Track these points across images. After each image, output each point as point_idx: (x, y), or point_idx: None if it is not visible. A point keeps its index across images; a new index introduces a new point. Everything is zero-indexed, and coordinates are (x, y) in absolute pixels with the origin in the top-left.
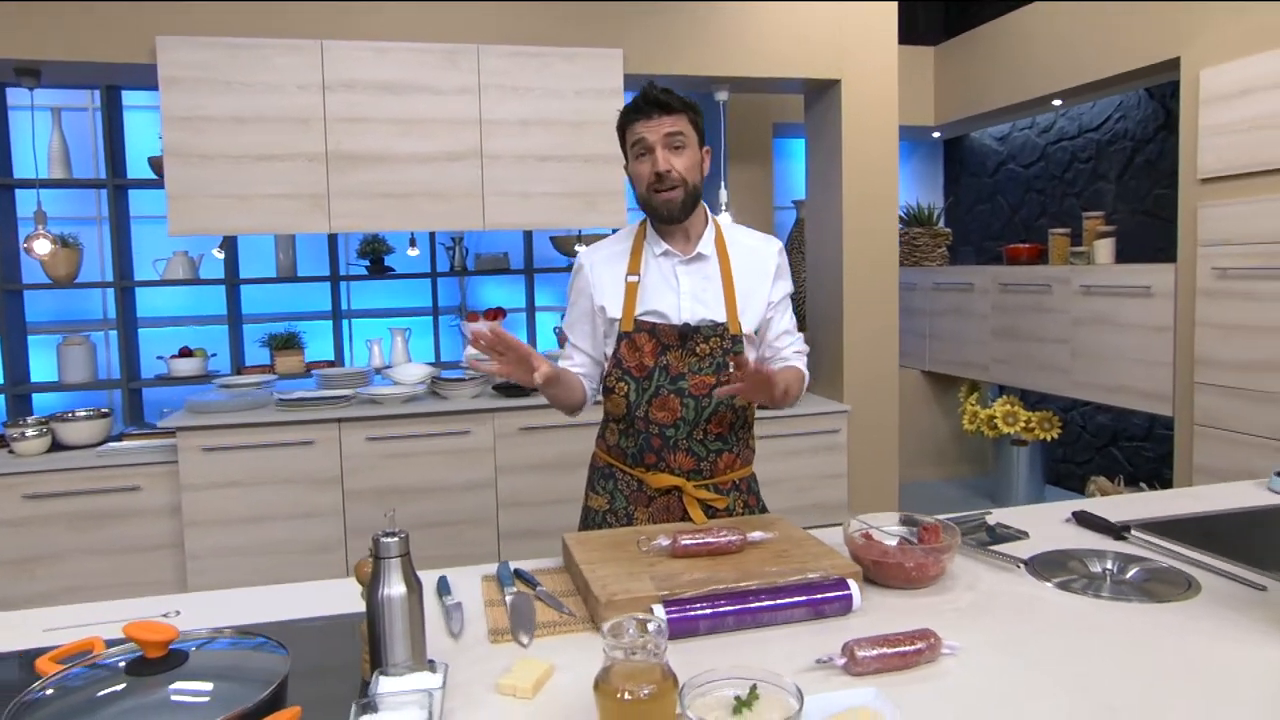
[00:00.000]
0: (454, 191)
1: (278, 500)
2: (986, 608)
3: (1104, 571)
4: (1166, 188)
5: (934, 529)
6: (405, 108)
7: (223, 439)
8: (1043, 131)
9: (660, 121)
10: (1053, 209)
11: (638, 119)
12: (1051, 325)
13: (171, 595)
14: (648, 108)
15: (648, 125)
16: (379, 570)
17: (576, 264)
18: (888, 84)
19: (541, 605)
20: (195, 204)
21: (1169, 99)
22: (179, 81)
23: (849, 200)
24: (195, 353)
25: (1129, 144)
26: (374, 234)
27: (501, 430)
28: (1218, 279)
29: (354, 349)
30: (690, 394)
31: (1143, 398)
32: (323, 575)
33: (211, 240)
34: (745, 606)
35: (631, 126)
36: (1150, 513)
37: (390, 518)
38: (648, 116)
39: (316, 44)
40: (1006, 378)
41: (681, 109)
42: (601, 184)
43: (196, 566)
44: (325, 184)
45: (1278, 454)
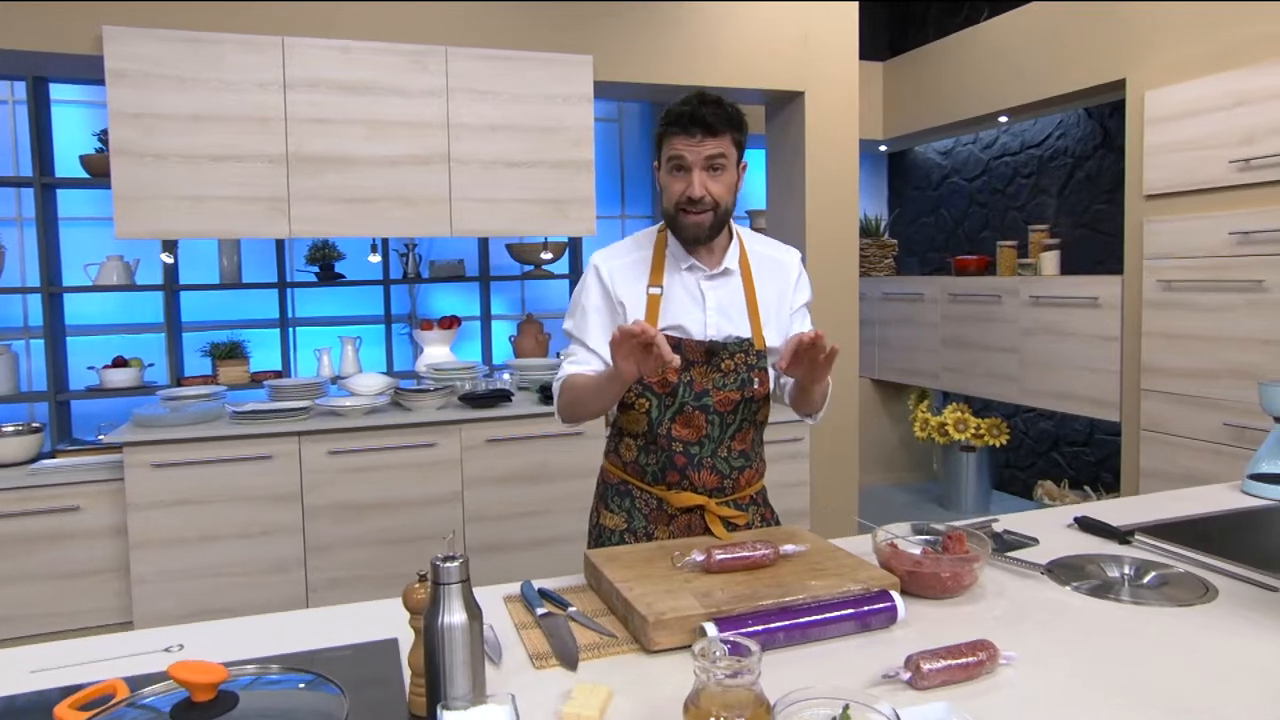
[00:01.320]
0: (420, 196)
1: (233, 518)
2: (1022, 615)
3: (1122, 576)
4: (1105, 203)
5: (959, 537)
6: (370, 109)
7: (174, 454)
8: (986, 146)
9: (703, 144)
10: (995, 222)
11: (679, 134)
12: (1001, 335)
13: (170, 627)
14: (691, 126)
15: (688, 144)
16: (439, 597)
17: (591, 267)
18: (849, 96)
19: (577, 627)
20: (145, 206)
21: (1107, 118)
22: (128, 75)
23: (812, 211)
24: (130, 363)
25: (1069, 160)
26: (324, 240)
27: (468, 442)
28: (1163, 290)
29: (300, 359)
30: (715, 410)
31: (1091, 404)
32: (281, 596)
33: (150, 245)
34: (795, 622)
35: (671, 140)
36: (1142, 517)
37: (449, 541)
38: (690, 135)
39: (278, 40)
40: (956, 385)
41: (727, 129)
42: (571, 191)
43: (143, 592)
44: (285, 187)
45: (1218, 457)
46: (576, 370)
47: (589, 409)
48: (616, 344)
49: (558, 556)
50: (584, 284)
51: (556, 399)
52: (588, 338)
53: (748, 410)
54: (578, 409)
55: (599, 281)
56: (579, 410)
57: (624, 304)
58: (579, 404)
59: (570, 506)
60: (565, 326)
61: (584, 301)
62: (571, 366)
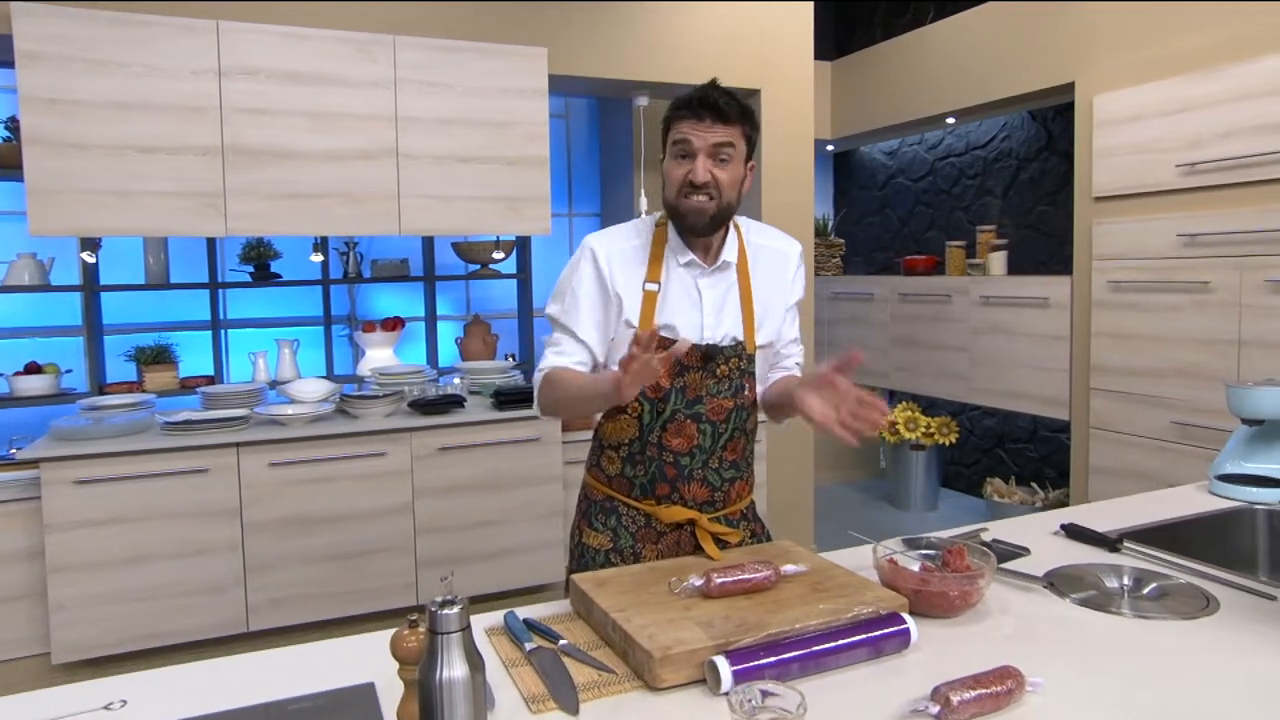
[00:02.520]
0: (367, 193)
1: (164, 537)
2: (1031, 633)
3: (1121, 588)
4: (1049, 204)
5: (959, 551)
6: (313, 100)
7: (99, 470)
8: (931, 147)
9: (711, 129)
10: (941, 222)
11: (687, 118)
12: (951, 334)
13: (110, 679)
14: (701, 109)
15: (696, 129)
16: (436, 648)
17: (585, 250)
18: (805, 95)
19: (571, 662)
20: (63, 200)
21: (1050, 121)
22: (41, 57)
23: (768, 211)
24: (45, 368)
25: (1014, 162)
26: (259, 238)
27: (419, 451)
28: (1112, 291)
29: (232, 362)
30: (707, 419)
31: (1040, 403)
32: (219, 619)
33: (67, 242)
34: (810, 651)
35: (678, 124)
36: (1121, 522)
37: (448, 583)
38: (698, 119)
39: (212, 25)
40: (906, 385)
41: (738, 120)
42: (525, 188)
43: (62, 619)
44: (221, 181)
45: (1166, 454)
46: (563, 363)
47: (573, 412)
48: (627, 364)
49: (515, 568)
50: (577, 268)
51: (537, 390)
52: (578, 326)
53: (739, 418)
54: (561, 410)
55: (595, 267)
56: (563, 411)
57: (620, 296)
58: (564, 405)
59: (527, 515)
60: (550, 311)
61: (576, 287)
62: (557, 358)
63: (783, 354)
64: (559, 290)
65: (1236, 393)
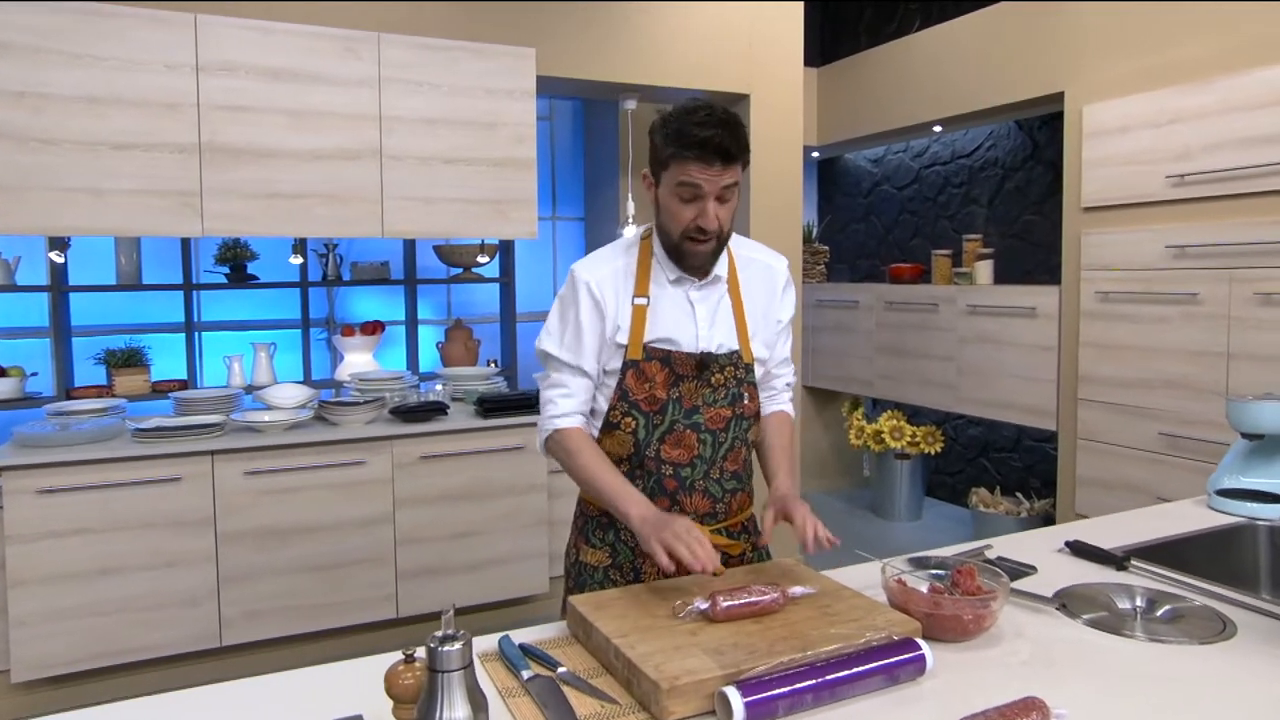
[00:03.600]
0: (349, 194)
1: (134, 549)
2: (1048, 658)
3: (1134, 609)
4: (1035, 214)
5: (969, 572)
6: (294, 98)
7: (64, 479)
8: (916, 155)
9: (722, 174)
10: (926, 230)
11: (695, 161)
12: (938, 343)
13: (79, 712)
14: (712, 156)
15: (706, 173)
16: (436, 688)
17: (579, 283)
18: (794, 100)
19: (571, 692)
20: (30, 197)
21: (1036, 130)
22: (9, 48)
23: (756, 215)
24: (10, 371)
25: (1000, 171)
26: (236, 239)
27: (400, 459)
28: (1100, 301)
29: (206, 366)
30: (706, 428)
31: (1027, 413)
32: (191, 633)
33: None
34: (824, 680)
35: (685, 165)
36: (1124, 538)
37: (449, 619)
38: (708, 164)
39: (189, 18)
40: (892, 393)
41: (741, 156)
42: (512, 191)
43: (23, 635)
44: (198, 180)
45: (1154, 466)
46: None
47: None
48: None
49: (498, 579)
50: (573, 300)
51: (545, 440)
52: (583, 361)
53: (739, 428)
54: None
55: (591, 298)
56: (571, 475)
57: (610, 316)
58: (572, 472)
59: (511, 525)
60: (547, 348)
61: (575, 320)
62: (565, 400)
63: (773, 373)
64: (555, 326)
65: (1237, 407)
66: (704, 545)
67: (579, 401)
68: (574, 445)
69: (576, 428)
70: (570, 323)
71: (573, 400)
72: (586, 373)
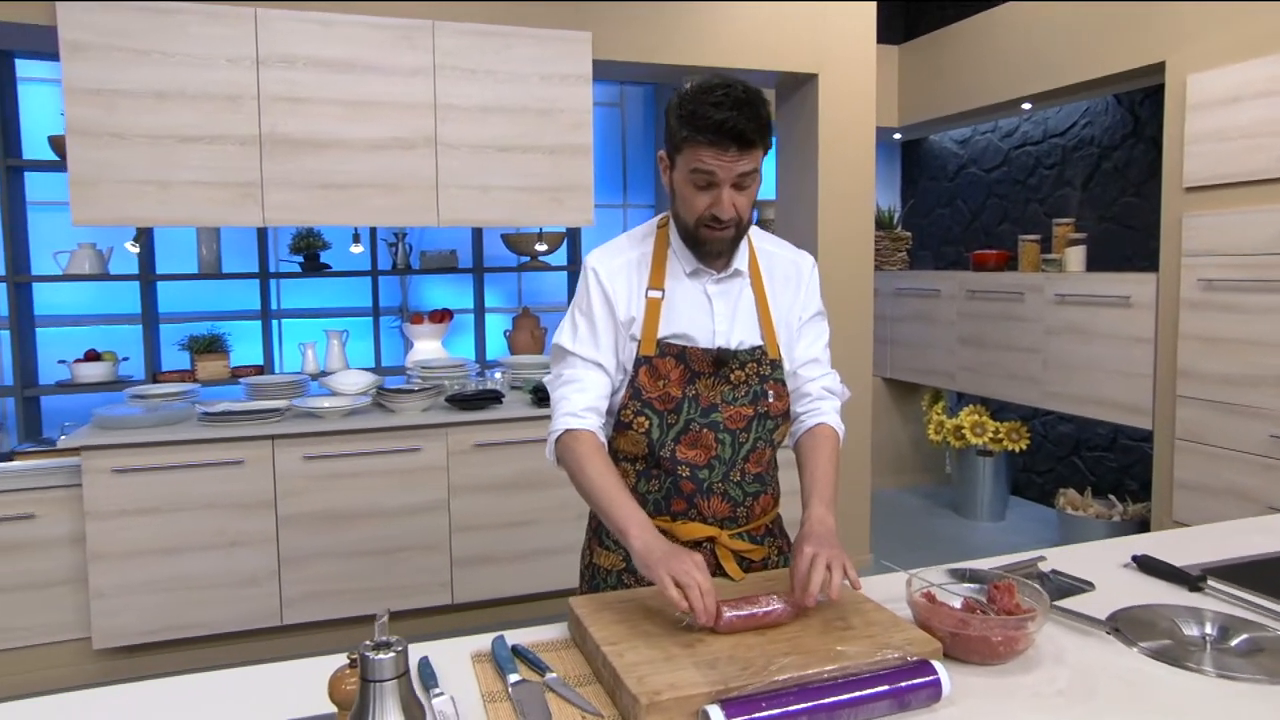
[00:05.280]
0: (405, 183)
1: (200, 528)
2: (1090, 689)
3: (1202, 637)
4: (1134, 195)
5: (1008, 588)
6: (352, 88)
7: (136, 459)
8: (1005, 135)
9: (737, 161)
10: (1015, 214)
11: (708, 147)
12: (1022, 334)
13: (76, 692)
14: (727, 141)
15: (721, 160)
16: (368, 697)
17: (589, 271)
18: (866, 79)
19: (555, 699)
20: (104, 190)
21: (1138, 105)
22: (85, 48)
23: (825, 201)
24: (104, 356)
25: (1095, 150)
26: (309, 228)
27: (455, 447)
28: (1203, 290)
29: (285, 352)
30: (725, 428)
31: (1120, 410)
32: (253, 612)
33: (124, 231)
34: (820, 703)
35: (697, 150)
36: (1208, 554)
37: (383, 625)
38: (722, 149)
39: (250, 11)
40: (973, 387)
41: (760, 141)
42: (568, 178)
43: (102, 607)
44: (259, 171)
45: (1266, 472)
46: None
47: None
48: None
49: (549, 570)
50: (585, 291)
51: (556, 442)
52: (598, 354)
53: (762, 428)
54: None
55: (601, 288)
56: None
57: (625, 312)
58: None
59: (564, 515)
60: (561, 341)
61: (588, 312)
62: (579, 395)
63: (801, 375)
64: (570, 318)
65: None
66: (710, 596)
67: (594, 397)
68: (585, 452)
69: (589, 431)
70: (584, 315)
71: (587, 396)
72: (602, 366)
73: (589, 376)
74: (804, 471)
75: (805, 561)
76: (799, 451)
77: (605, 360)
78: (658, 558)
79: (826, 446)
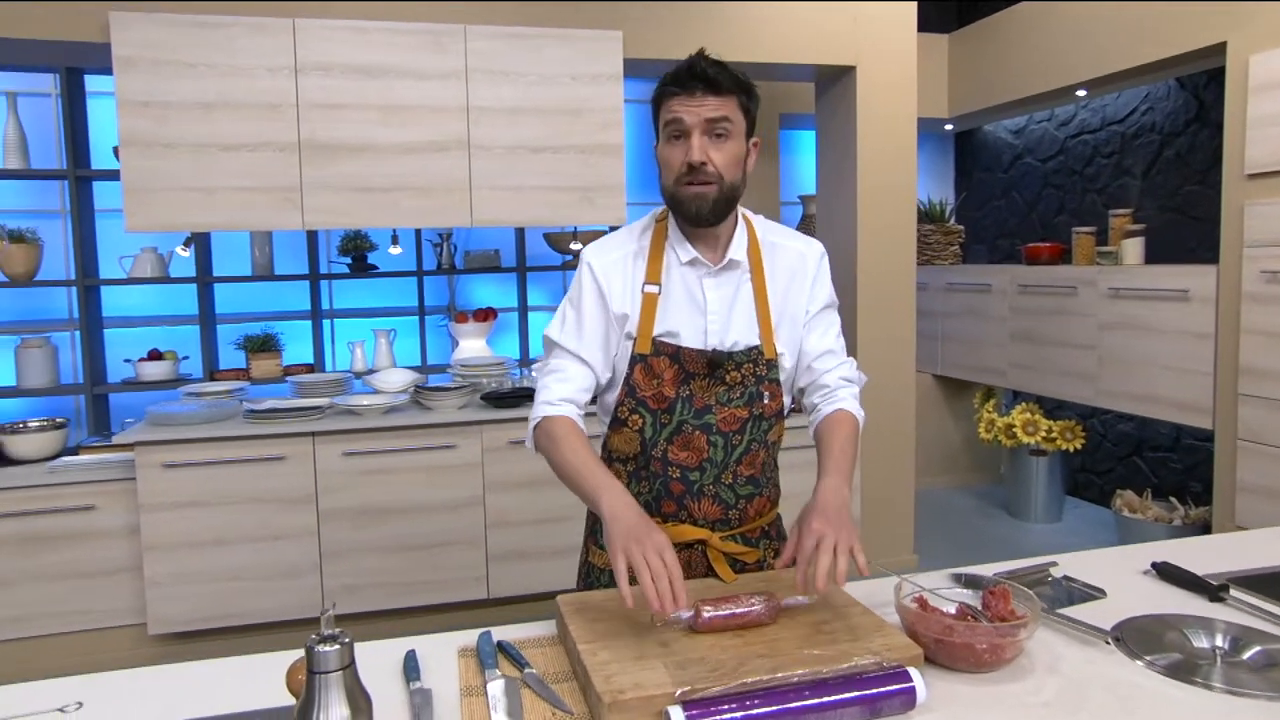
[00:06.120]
0: (439, 185)
1: (245, 521)
2: (1078, 702)
3: (1213, 650)
4: (1198, 184)
5: (1003, 593)
6: (386, 93)
7: (185, 454)
8: (1062, 124)
9: (703, 102)
10: (1072, 206)
11: (677, 94)
12: (1076, 329)
13: (72, 678)
14: (691, 83)
15: (687, 104)
16: (314, 688)
17: (583, 265)
18: (906, 70)
19: (531, 695)
20: (155, 197)
21: (1203, 89)
22: (136, 63)
23: (864, 195)
24: (165, 355)
25: (1157, 137)
26: (356, 230)
27: (490, 444)
28: (1266, 282)
29: (336, 351)
30: (718, 430)
31: (1178, 409)
32: (295, 603)
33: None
34: (785, 708)
35: (668, 102)
36: (1241, 562)
37: (328, 617)
38: (689, 93)
39: (288, 22)
40: (1026, 384)
41: (732, 89)
42: (600, 177)
43: (157, 594)
44: (298, 176)
45: None
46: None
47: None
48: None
49: None
50: (578, 284)
51: (533, 430)
52: (582, 348)
53: (757, 430)
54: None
55: (594, 282)
56: (553, 468)
57: (619, 308)
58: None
59: None
60: (549, 333)
61: (578, 305)
62: (560, 385)
63: (816, 369)
64: (561, 311)
65: None
66: (675, 582)
67: (574, 389)
68: (559, 433)
69: (566, 416)
70: (574, 307)
71: (568, 386)
72: (586, 361)
73: (570, 367)
74: (821, 450)
75: (811, 542)
76: (818, 436)
77: (588, 354)
78: (620, 530)
79: (845, 427)
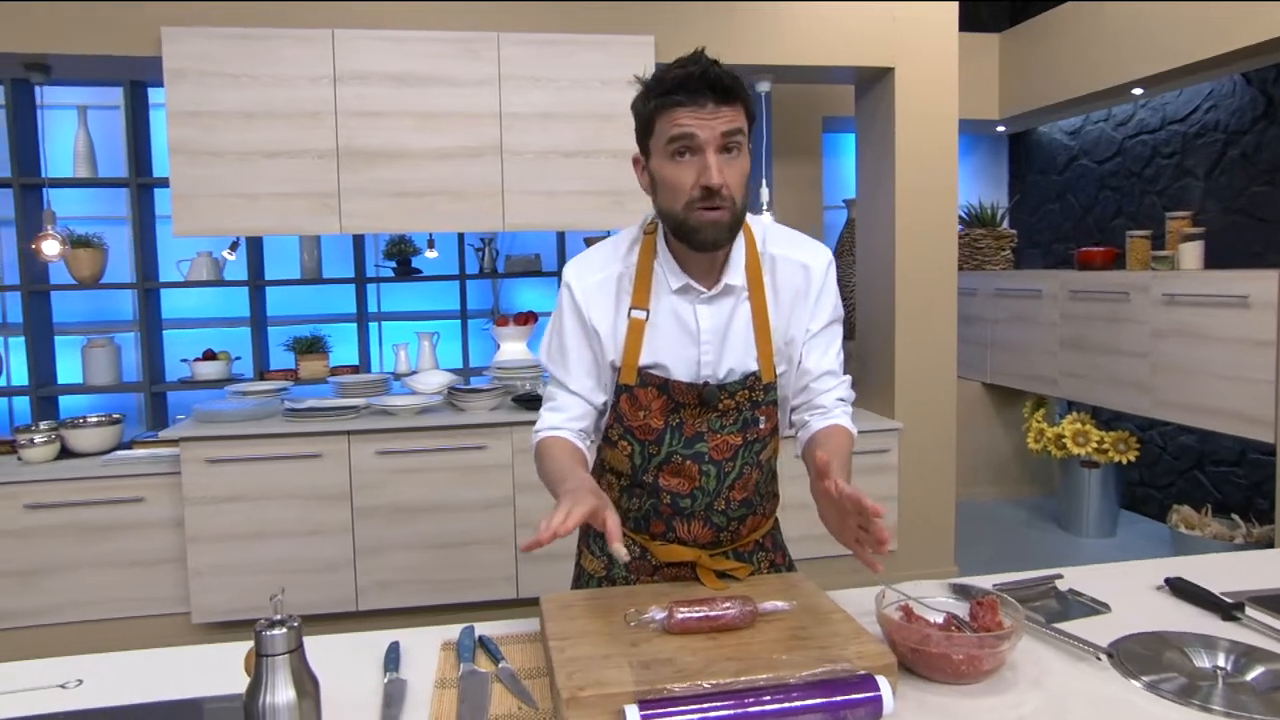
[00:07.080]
0: (472, 190)
1: (283, 516)
2: (1059, 718)
3: (1214, 670)
4: (1265, 184)
5: (991, 604)
6: (421, 101)
7: (226, 450)
8: (1119, 124)
9: (716, 114)
10: (1130, 208)
11: (683, 105)
12: (1129, 337)
13: (74, 657)
14: (701, 92)
15: (699, 117)
16: (261, 671)
17: (564, 287)
18: (947, 71)
19: (501, 689)
20: (202, 203)
21: (1271, 84)
22: (185, 75)
23: (902, 198)
24: (219, 356)
25: (1220, 136)
26: (400, 234)
27: (520, 445)
28: None
29: (382, 353)
30: (710, 459)
31: (1237, 421)
32: (331, 597)
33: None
34: (744, 711)
35: (670, 113)
36: (1268, 579)
37: (278, 603)
38: (699, 104)
39: (328, 33)
40: (1077, 393)
41: (740, 97)
42: (631, 181)
43: (200, 584)
44: (336, 182)
45: None
46: (557, 422)
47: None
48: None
49: None
50: (560, 310)
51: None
52: (568, 378)
53: (749, 454)
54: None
55: (575, 306)
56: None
57: (599, 332)
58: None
59: None
60: (541, 359)
61: (561, 332)
62: (551, 414)
63: (814, 389)
64: (548, 334)
65: None
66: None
67: (567, 418)
68: (543, 450)
69: (556, 436)
70: (555, 336)
71: (560, 415)
72: (572, 390)
73: (561, 397)
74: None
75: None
76: (812, 444)
77: (577, 385)
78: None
79: (842, 438)
